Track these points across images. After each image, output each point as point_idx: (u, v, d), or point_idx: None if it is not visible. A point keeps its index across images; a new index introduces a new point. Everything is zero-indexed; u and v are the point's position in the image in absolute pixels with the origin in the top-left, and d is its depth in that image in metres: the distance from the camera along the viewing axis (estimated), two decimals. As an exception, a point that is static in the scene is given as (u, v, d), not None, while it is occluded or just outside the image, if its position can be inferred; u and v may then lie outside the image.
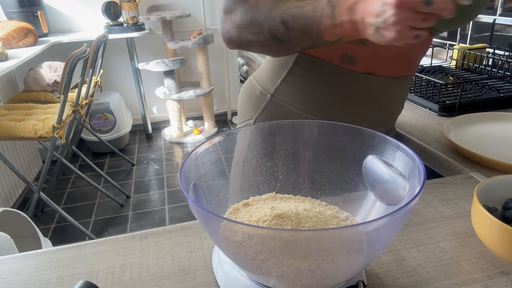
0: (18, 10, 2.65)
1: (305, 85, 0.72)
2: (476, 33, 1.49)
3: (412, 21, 0.46)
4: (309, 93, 0.72)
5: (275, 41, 0.59)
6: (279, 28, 0.57)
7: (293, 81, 0.72)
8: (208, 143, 0.49)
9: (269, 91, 0.75)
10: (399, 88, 0.75)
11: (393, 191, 0.46)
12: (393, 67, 0.71)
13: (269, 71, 0.77)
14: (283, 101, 0.74)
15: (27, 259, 0.54)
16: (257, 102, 0.78)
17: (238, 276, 0.44)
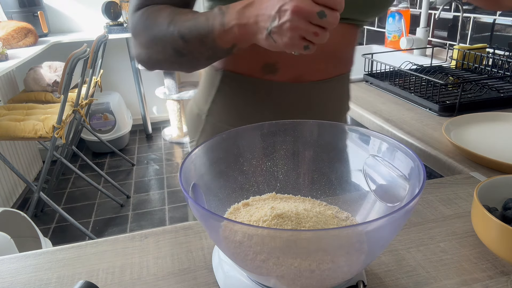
0: (18, 10, 2.65)
1: (234, 102, 0.71)
2: (476, 33, 1.49)
3: (305, 31, 0.47)
4: (240, 111, 0.71)
5: (179, 56, 0.59)
6: (178, 42, 0.57)
7: (222, 100, 0.71)
8: (208, 143, 0.49)
9: (204, 112, 0.74)
10: (334, 90, 0.72)
11: (393, 191, 0.46)
12: (320, 68, 0.68)
13: (202, 92, 0.75)
14: (218, 121, 0.73)
15: (27, 259, 0.54)
16: (196, 124, 0.76)
17: (238, 276, 0.44)
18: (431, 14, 1.68)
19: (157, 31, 0.58)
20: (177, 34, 0.56)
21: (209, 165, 0.49)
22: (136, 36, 0.61)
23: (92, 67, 2.25)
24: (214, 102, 0.72)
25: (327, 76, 0.69)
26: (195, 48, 0.57)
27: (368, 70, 1.36)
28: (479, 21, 1.47)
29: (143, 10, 0.60)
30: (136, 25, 0.61)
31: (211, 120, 0.74)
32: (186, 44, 0.57)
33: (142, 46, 0.61)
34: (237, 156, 0.53)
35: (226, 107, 0.72)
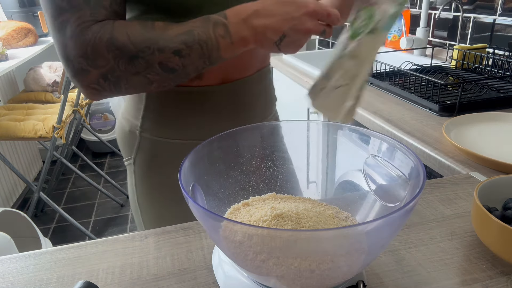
0: (18, 10, 2.65)
1: (165, 115, 0.68)
2: (476, 33, 1.49)
3: (306, 41, 0.55)
4: (174, 123, 0.69)
5: (168, 73, 0.54)
6: (172, 59, 0.53)
7: (153, 114, 0.68)
8: (208, 143, 0.49)
9: (137, 128, 0.70)
10: (258, 84, 0.74)
11: (393, 191, 0.46)
12: (242, 65, 0.69)
13: (131, 107, 0.71)
14: (153, 136, 0.70)
15: (27, 259, 0.54)
16: (130, 141, 0.72)
17: (238, 276, 0.44)
18: (431, 14, 1.68)
19: (138, 51, 0.51)
20: (170, 51, 0.52)
21: (209, 165, 0.49)
22: (95, 59, 0.51)
23: (92, 67, 2.25)
24: (144, 118, 0.69)
25: (248, 73, 0.71)
26: (193, 63, 0.54)
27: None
28: (479, 21, 1.47)
29: (99, 27, 0.51)
30: (95, 45, 0.51)
31: (146, 135, 0.70)
32: (182, 60, 0.53)
33: (105, 70, 0.52)
34: (237, 156, 0.53)
35: (159, 121, 0.69)
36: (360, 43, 0.54)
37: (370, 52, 0.55)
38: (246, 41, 0.54)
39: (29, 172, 2.63)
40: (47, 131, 1.84)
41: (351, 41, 0.55)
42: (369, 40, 0.54)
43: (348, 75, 0.54)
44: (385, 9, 0.54)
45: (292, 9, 0.52)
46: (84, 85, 0.54)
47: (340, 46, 0.57)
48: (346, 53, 0.55)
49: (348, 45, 0.56)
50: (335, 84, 0.55)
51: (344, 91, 0.54)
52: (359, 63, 0.54)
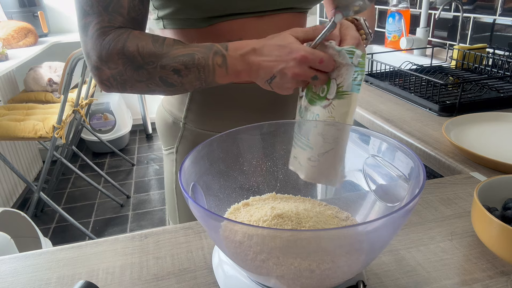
0: (18, 10, 2.65)
1: (208, 108, 0.73)
2: (476, 33, 1.49)
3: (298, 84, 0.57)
4: (215, 115, 0.73)
5: (167, 86, 0.60)
6: (171, 76, 0.58)
7: (197, 107, 0.73)
8: (208, 143, 0.49)
9: (181, 120, 0.76)
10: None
11: (393, 191, 0.46)
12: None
13: (175, 99, 0.77)
14: (196, 127, 0.75)
15: (27, 259, 0.54)
16: (173, 132, 0.78)
17: (238, 276, 0.44)
18: (431, 14, 1.68)
19: (143, 63, 0.57)
20: (170, 68, 0.57)
21: (209, 165, 0.49)
22: (108, 61, 0.58)
23: (92, 67, 2.24)
24: (189, 110, 0.74)
25: None
26: (189, 82, 0.59)
27: (368, 70, 1.36)
28: (479, 21, 1.47)
29: (116, 34, 0.57)
30: (110, 50, 0.57)
31: (189, 127, 0.75)
32: (179, 78, 0.58)
33: (116, 72, 0.59)
34: (237, 156, 0.53)
35: (202, 113, 0.74)
36: (332, 108, 0.56)
37: (345, 113, 0.55)
38: (239, 74, 0.58)
39: (29, 172, 2.63)
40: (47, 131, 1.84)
41: (318, 107, 0.58)
42: (341, 103, 0.55)
43: (330, 140, 0.54)
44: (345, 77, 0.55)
45: (284, 53, 0.55)
46: (98, 80, 0.61)
47: (306, 114, 0.59)
48: (319, 122, 0.56)
49: (314, 111, 0.58)
50: (320, 151, 0.55)
51: (332, 155, 0.54)
52: (338, 127, 0.54)
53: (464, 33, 1.54)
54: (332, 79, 0.56)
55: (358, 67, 0.53)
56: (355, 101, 0.55)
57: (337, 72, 0.56)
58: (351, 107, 0.55)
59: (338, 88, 0.55)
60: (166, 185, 0.84)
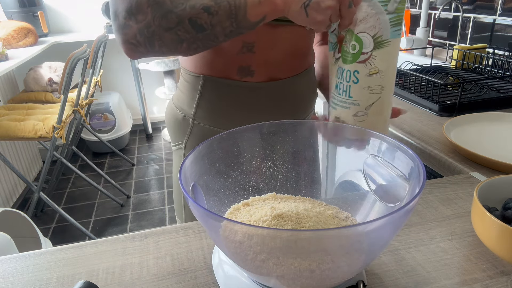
0: (18, 10, 2.65)
1: (218, 105, 0.73)
2: (476, 33, 1.49)
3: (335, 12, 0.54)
4: (225, 113, 0.73)
5: (197, 31, 0.56)
6: (201, 15, 0.55)
7: (207, 104, 0.73)
8: (208, 143, 0.49)
9: (190, 116, 0.75)
10: (304, 83, 0.77)
11: (393, 191, 0.46)
12: (289, 66, 0.73)
13: (185, 96, 0.76)
14: (204, 124, 0.75)
15: (27, 259, 0.54)
16: (182, 127, 0.78)
17: (238, 276, 0.44)
18: (431, 14, 1.68)
19: (173, 6, 0.55)
20: (200, 7, 0.55)
21: (209, 165, 0.49)
22: (135, 14, 0.57)
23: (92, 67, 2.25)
24: (198, 106, 0.74)
25: (296, 72, 0.75)
26: (220, 22, 0.56)
27: (368, 70, 1.36)
28: (479, 21, 1.47)
29: None
30: (138, 3, 0.56)
31: (199, 123, 0.75)
32: (210, 17, 0.55)
33: (143, 25, 0.57)
34: (237, 156, 0.53)
35: (211, 110, 0.74)
36: (374, 59, 0.55)
37: (390, 60, 0.55)
38: (273, 2, 0.55)
39: (29, 172, 2.63)
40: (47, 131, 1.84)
41: (353, 64, 0.56)
42: (383, 52, 0.55)
43: (376, 90, 0.56)
44: (381, 27, 0.54)
45: None
46: (124, 40, 0.59)
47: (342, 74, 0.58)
48: (361, 76, 0.56)
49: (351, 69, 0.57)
50: (367, 104, 0.56)
51: (379, 104, 0.56)
52: (381, 76, 0.55)
53: (464, 33, 1.54)
54: (363, 32, 0.55)
55: (395, 13, 0.53)
56: (397, 47, 0.56)
57: (367, 24, 0.54)
58: (394, 53, 0.55)
59: (376, 38, 0.54)
60: (174, 181, 0.84)
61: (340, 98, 0.59)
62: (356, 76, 0.57)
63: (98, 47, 2.25)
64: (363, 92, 0.57)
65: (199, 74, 0.73)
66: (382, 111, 0.58)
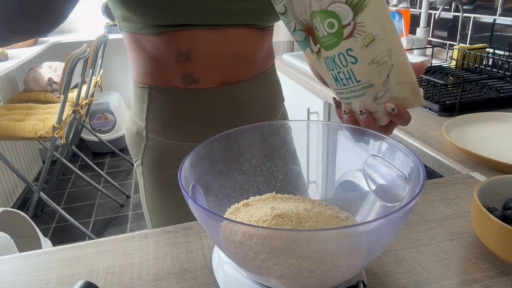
0: (18, 10, 2.64)
1: (167, 116, 0.70)
2: (476, 33, 1.49)
3: None
4: (175, 123, 0.70)
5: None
6: None
7: (156, 115, 0.70)
8: (208, 143, 0.49)
9: (143, 130, 0.72)
10: (260, 86, 0.73)
11: (393, 191, 0.46)
12: (238, 71, 0.69)
13: (136, 108, 0.73)
14: (158, 137, 0.71)
15: (27, 259, 0.54)
16: (137, 142, 0.74)
17: (238, 276, 0.44)
18: (431, 14, 1.68)
19: None
20: None
21: (209, 165, 0.49)
22: None
23: (92, 67, 2.25)
24: (148, 119, 0.71)
25: (249, 76, 0.71)
26: None
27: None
28: (479, 21, 1.47)
29: None
30: None
31: (152, 136, 0.72)
32: None
33: None
34: (237, 156, 0.53)
35: (161, 122, 0.70)
36: (362, 26, 0.45)
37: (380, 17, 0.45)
38: None
39: (29, 172, 2.63)
40: (47, 131, 1.84)
41: (340, 44, 0.46)
42: (367, 13, 0.44)
43: (385, 58, 0.45)
44: None
45: None
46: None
47: (334, 63, 0.49)
48: (357, 53, 0.46)
49: (341, 51, 0.46)
50: (382, 79, 0.46)
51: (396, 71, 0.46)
52: (379, 40, 0.45)
53: (464, 33, 1.54)
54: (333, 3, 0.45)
55: None
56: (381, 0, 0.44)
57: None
58: (381, 7, 0.44)
59: (351, 2, 0.44)
60: (141, 199, 0.80)
61: (348, 89, 0.49)
62: (351, 55, 0.47)
63: (98, 47, 2.25)
64: (369, 68, 0.46)
65: (144, 85, 0.69)
66: (404, 76, 0.46)
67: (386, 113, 0.49)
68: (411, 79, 0.47)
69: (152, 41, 0.64)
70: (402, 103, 0.48)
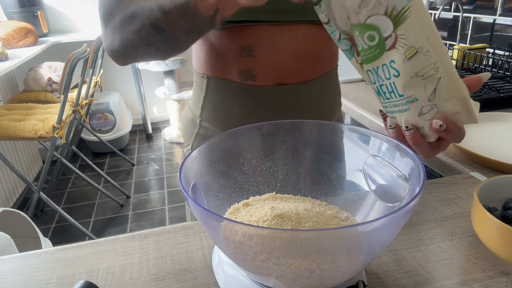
0: (18, 10, 2.65)
1: (222, 108, 0.71)
2: (476, 33, 1.49)
3: None
4: (229, 115, 0.71)
5: (157, 32, 0.53)
6: (157, 15, 0.52)
7: (211, 105, 0.72)
8: (208, 143, 0.49)
9: (197, 117, 0.75)
10: (318, 90, 0.72)
11: (393, 191, 0.46)
12: (297, 71, 0.68)
13: (194, 97, 0.76)
14: (210, 125, 0.74)
15: (27, 259, 0.54)
16: (190, 128, 0.77)
17: (238, 276, 0.44)
18: (431, 14, 1.68)
19: (134, 8, 0.54)
20: (156, 6, 0.52)
21: (209, 165, 0.49)
22: (108, 19, 0.56)
23: (92, 67, 2.25)
24: (203, 108, 0.73)
25: (310, 78, 0.70)
26: (176, 19, 0.52)
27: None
28: (479, 21, 1.47)
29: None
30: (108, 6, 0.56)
31: (205, 125, 0.74)
32: (165, 16, 0.52)
33: (115, 30, 0.56)
34: (237, 156, 0.53)
35: (215, 112, 0.72)
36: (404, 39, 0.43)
37: (423, 28, 0.43)
38: None
39: (29, 172, 2.63)
40: (47, 131, 1.84)
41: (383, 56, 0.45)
42: (410, 24, 0.42)
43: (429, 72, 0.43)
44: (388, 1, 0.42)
45: None
46: (106, 48, 0.59)
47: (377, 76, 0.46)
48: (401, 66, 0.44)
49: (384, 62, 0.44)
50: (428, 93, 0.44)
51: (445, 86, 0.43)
52: (424, 53, 0.43)
53: (464, 33, 1.54)
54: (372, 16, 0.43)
55: None
56: (422, 7, 0.42)
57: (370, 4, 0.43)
58: (423, 16, 0.42)
59: (391, 14, 0.42)
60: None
61: (391, 102, 0.47)
62: (394, 67, 0.45)
63: (98, 47, 2.25)
64: (413, 82, 0.44)
65: (204, 75, 0.72)
66: (454, 91, 0.44)
67: (433, 130, 0.47)
68: (462, 95, 0.45)
69: (217, 35, 0.65)
70: (452, 119, 0.46)
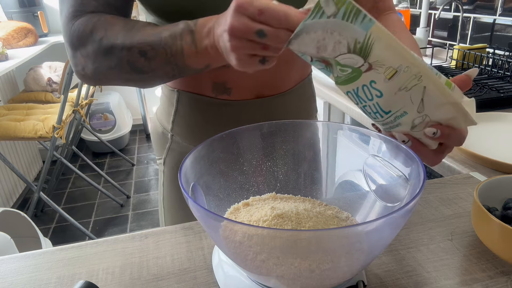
0: (18, 10, 2.65)
1: (193, 122, 0.68)
2: (476, 33, 1.49)
3: (250, 49, 0.42)
4: (201, 130, 0.68)
5: (138, 73, 0.53)
6: (138, 59, 0.51)
7: (182, 120, 0.69)
8: (208, 142, 0.49)
9: (168, 131, 0.71)
10: (295, 100, 0.70)
11: (393, 191, 0.46)
12: (273, 83, 0.66)
13: (164, 110, 0.72)
14: (182, 141, 0.70)
15: (27, 259, 0.54)
16: (162, 142, 0.74)
17: (238, 276, 0.44)
18: (431, 14, 1.68)
19: (110, 44, 0.52)
20: (137, 51, 0.51)
21: (209, 165, 0.49)
22: (78, 47, 0.54)
23: (92, 67, 2.25)
24: (175, 123, 0.70)
25: (286, 87, 0.68)
26: (159, 67, 0.52)
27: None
28: (479, 21, 1.47)
29: (86, 18, 0.54)
30: (79, 34, 0.53)
31: (177, 139, 0.71)
32: (148, 62, 0.51)
33: (87, 58, 0.54)
34: (237, 156, 0.53)
35: (187, 127, 0.69)
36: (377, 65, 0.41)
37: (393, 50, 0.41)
38: (207, 51, 0.49)
39: (29, 172, 2.63)
40: (47, 131, 1.84)
41: (362, 77, 0.42)
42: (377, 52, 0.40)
43: (412, 82, 0.41)
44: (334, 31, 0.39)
45: (222, 22, 0.44)
46: (75, 69, 0.57)
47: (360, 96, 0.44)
48: (383, 83, 0.42)
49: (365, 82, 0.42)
50: (416, 105, 0.42)
51: (431, 94, 0.42)
52: (404, 70, 0.41)
53: (464, 33, 1.54)
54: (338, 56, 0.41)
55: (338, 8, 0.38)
56: (382, 29, 0.39)
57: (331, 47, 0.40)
58: (388, 37, 0.40)
59: (354, 49, 0.40)
60: (158, 196, 0.79)
61: (381, 121, 0.46)
62: (375, 88, 0.43)
63: (98, 47, 2.24)
64: (398, 96, 0.42)
65: (174, 88, 0.68)
66: (442, 97, 0.42)
67: (428, 138, 0.47)
68: (452, 100, 0.43)
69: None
70: (448, 124, 0.45)
